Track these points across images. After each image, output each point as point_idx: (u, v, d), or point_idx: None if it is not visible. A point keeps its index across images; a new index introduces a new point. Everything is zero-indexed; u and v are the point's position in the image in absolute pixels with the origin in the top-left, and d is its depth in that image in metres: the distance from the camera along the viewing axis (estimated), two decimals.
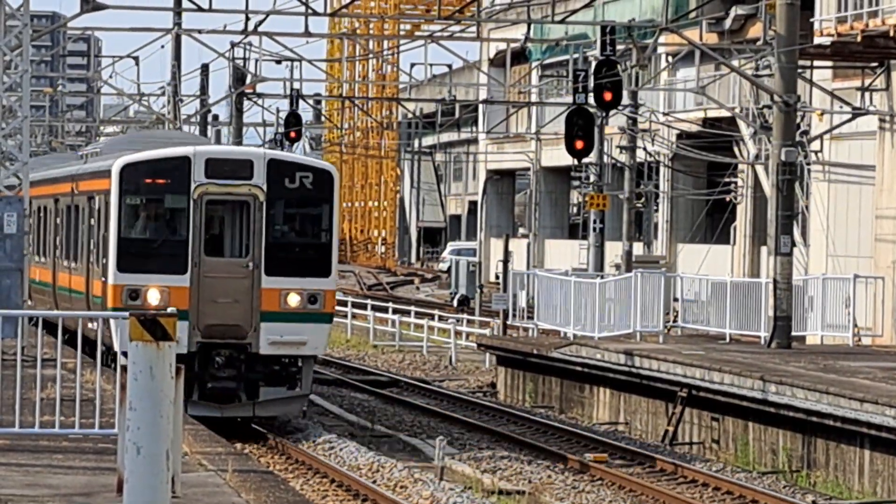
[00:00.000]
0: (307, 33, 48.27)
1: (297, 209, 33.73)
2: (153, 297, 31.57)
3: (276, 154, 34.22)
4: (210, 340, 32.01)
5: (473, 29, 57.62)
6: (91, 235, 35.42)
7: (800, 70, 44.98)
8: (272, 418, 35.04)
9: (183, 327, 29.55)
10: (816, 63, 48.03)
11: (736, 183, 57.77)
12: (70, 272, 38.48)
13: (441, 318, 67.66)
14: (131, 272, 32.05)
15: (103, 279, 32.93)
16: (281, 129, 69.46)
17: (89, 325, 36.71)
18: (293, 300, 32.41)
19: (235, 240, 33.02)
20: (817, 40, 45.77)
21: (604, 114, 50.76)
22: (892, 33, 41.57)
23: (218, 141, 35.91)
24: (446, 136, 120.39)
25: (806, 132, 48.89)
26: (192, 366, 30.74)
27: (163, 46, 68.56)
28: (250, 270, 32.29)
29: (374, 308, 72.41)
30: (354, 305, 73.81)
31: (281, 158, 33.55)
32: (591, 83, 47.31)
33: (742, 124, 54.36)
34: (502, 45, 67.06)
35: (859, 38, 43.00)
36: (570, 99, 53.72)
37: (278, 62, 63.63)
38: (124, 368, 5.51)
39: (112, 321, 31.14)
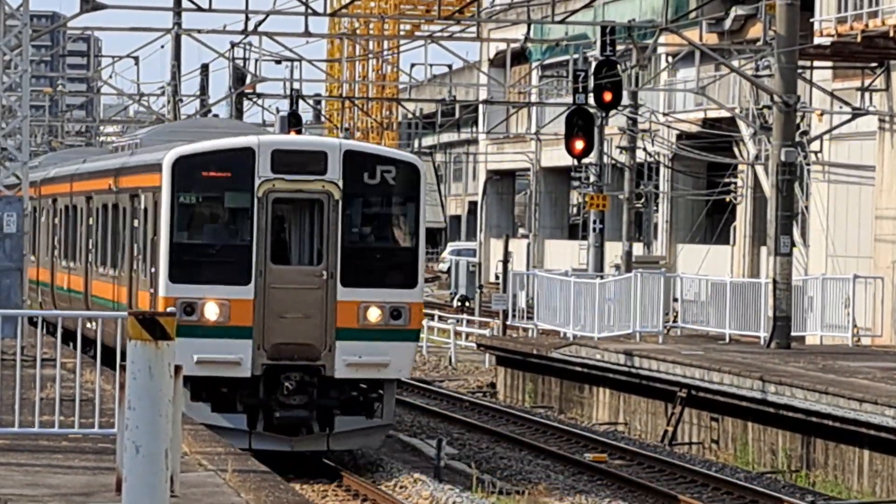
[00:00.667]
0: (307, 33, 48.34)
1: (378, 209, 27.92)
2: (211, 312, 26.11)
3: (353, 144, 28.44)
4: (277, 362, 26.40)
5: (473, 29, 57.68)
6: (135, 239, 29.30)
7: (799, 70, 45.02)
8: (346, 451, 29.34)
9: (246, 347, 25.90)
10: (816, 63, 48.07)
11: (736, 183, 57.85)
12: (108, 280, 32.39)
13: (441, 319, 67.77)
14: (185, 283, 26.40)
15: (151, 291, 27.31)
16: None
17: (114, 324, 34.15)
18: (373, 315, 26.71)
19: (306, 245, 27.24)
20: (817, 40, 45.82)
21: (604, 114, 50.81)
22: (891, 34, 41.62)
23: (283, 129, 32.53)
24: (446, 137, 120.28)
25: (806, 132, 48.93)
26: (256, 392, 26.43)
27: (162, 46, 68.69)
28: (324, 280, 26.56)
29: None
30: None
31: (359, 150, 27.92)
32: (591, 83, 47.42)
33: (742, 125, 54.41)
34: (502, 46, 67.08)
35: (859, 39, 43.06)
36: (569, 99, 53.82)
37: (278, 62, 63.82)
38: (123, 368, 5.55)
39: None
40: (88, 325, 33.20)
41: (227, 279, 26.21)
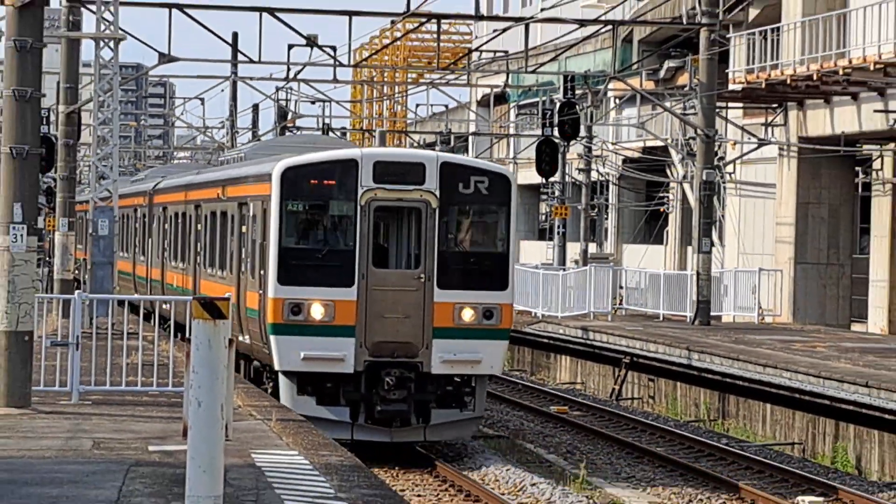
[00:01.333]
0: (335, 80, 48.19)
1: (472, 216, 24.51)
2: (317, 312, 23.11)
3: (449, 157, 24.81)
4: (378, 359, 23.27)
5: (465, 77, 57.45)
6: (243, 243, 26.12)
7: (717, 109, 45.03)
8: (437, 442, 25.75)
9: (349, 344, 22.83)
10: (730, 104, 48.05)
11: (668, 197, 57.58)
12: (215, 281, 28.99)
13: None
14: (293, 284, 23.35)
15: (260, 292, 24.18)
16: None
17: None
18: (467, 315, 23.61)
19: (405, 250, 24.21)
20: (731, 87, 45.80)
21: (566, 144, 50.62)
22: (788, 81, 41.59)
23: (382, 143, 28.63)
24: None
25: (722, 158, 48.83)
26: (358, 386, 23.33)
27: (223, 90, 69.20)
28: (422, 283, 23.45)
29: None
30: None
31: (455, 161, 24.51)
32: (556, 120, 47.35)
33: (673, 152, 54.27)
34: (487, 90, 67.02)
35: (763, 86, 43.00)
36: (539, 132, 53.87)
37: (312, 102, 63.70)
38: (188, 340, 5.52)
39: (273, 345, 23.48)
40: (165, 306, 32.74)
41: (331, 281, 23.14)
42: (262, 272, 23.93)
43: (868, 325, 43.81)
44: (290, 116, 61.52)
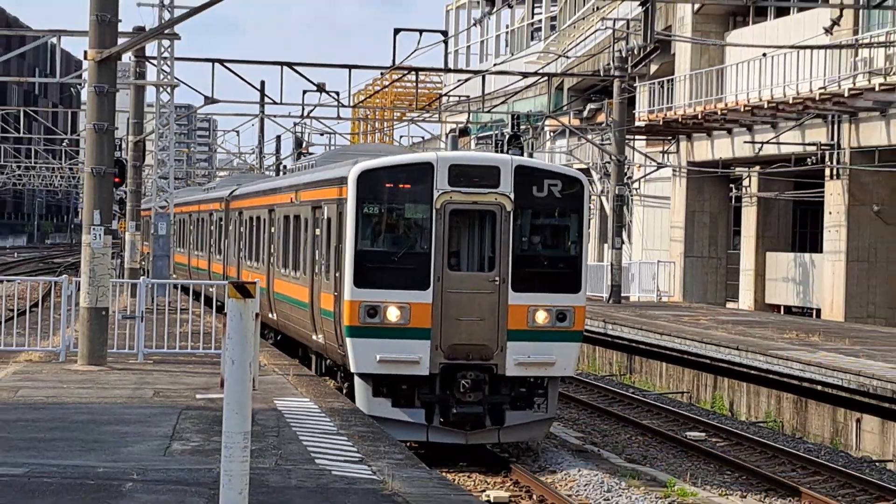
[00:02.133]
0: (339, 117, 48.55)
1: (545, 219, 20.02)
2: (393, 315, 18.91)
3: (524, 160, 20.51)
4: (454, 361, 18.90)
5: (437, 116, 57.45)
6: (317, 245, 21.79)
7: (626, 140, 45.09)
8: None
9: (424, 347, 18.45)
10: (636, 137, 48.16)
11: (590, 207, 57.93)
12: (288, 280, 24.09)
13: None
14: (369, 287, 19.06)
15: (335, 293, 19.88)
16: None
17: (270, 315, 25.69)
18: (541, 317, 19.30)
19: (480, 253, 19.60)
20: (637, 123, 45.89)
21: None
22: (679, 119, 41.74)
23: (454, 146, 22.33)
24: None
25: (630, 177, 48.91)
26: (434, 389, 18.87)
27: (253, 124, 68.48)
28: (496, 286, 19.07)
29: None
30: None
31: (529, 165, 20.12)
32: (506, 148, 47.34)
33: (593, 172, 54.36)
34: (453, 125, 67.00)
35: (661, 123, 43.16)
36: None
37: (321, 134, 63.70)
38: (224, 314, 5.51)
39: (349, 347, 18.86)
40: (210, 289, 32.49)
41: (407, 284, 18.84)
42: (337, 274, 19.50)
43: (739, 303, 44.05)
44: (304, 145, 61.35)
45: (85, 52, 20.04)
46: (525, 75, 45.86)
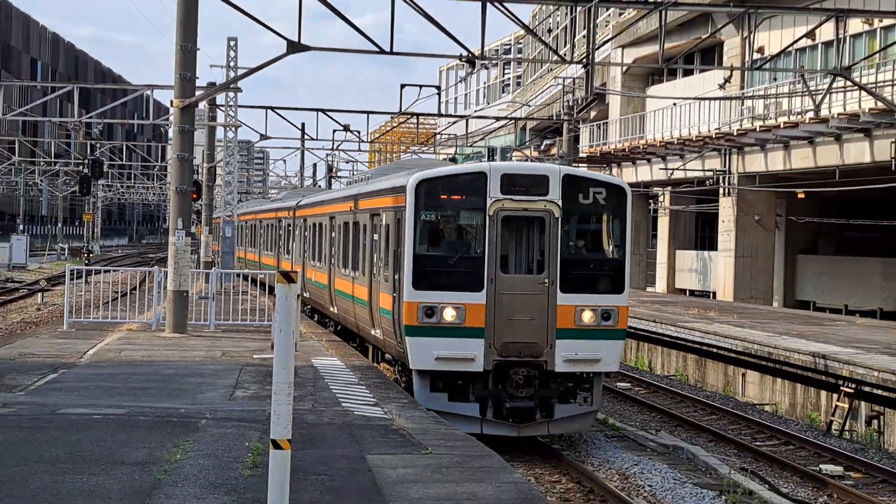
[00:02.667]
0: (359, 149, 48.30)
1: (591, 225, 16.63)
2: (449, 315, 15.65)
3: (570, 170, 17.08)
4: (506, 359, 15.68)
5: (432, 149, 57.46)
6: (375, 249, 18.25)
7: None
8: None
9: (479, 345, 15.47)
10: (581, 165, 48.13)
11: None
12: (347, 279, 20.53)
13: None
14: (427, 289, 15.75)
15: (394, 294, 16.53)
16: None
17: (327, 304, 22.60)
18: (587, 317, 15.99)
19: (529, 256, 16.17)
20: (581, 155, 45.86)
21: None
22: (612, 152, 41.75)
23: (504, 158, 17.15)
24: None
25: None
26: (487, 384, 15.74)
27: (295, 155, 68.55)
28: (546, 287, 15.82)
29: None
30: None
31: (576, 174, 16.75)
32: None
33: None
34: (445, 156, 66.80)
35: (599, 154, 43.16)
36: None
37: (346, 162, 63.56)
38: (274, 295, 5.47)
39: (408, 345, 15.36)
40: (262, 276, 32.29)
41: (463, 286, 15.52)
42: (396, 277, 16.06)
43: (655, 288, 44.12)
44: (333, 170, 61.25)
45: (171, 101, 20.03)
46: (497, 119, 45.95)
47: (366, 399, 13.26)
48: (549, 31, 60.06)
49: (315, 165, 68.19)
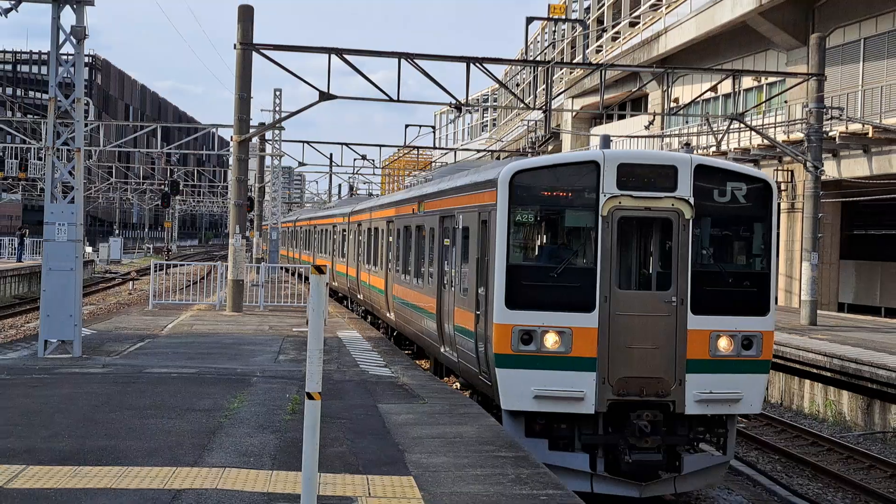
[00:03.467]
0: (373, 173, 48.21)
1: (728, 229, 8.84)
2: (551, 342, 8.30)
3: (705, 159, 8.45)
4: (624, 398, 8.42)
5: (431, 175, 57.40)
6: (445, 257, 11.48)
7: None
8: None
9: (589, 380, 8.53)
10: None
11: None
12: (410, 287, 14.40)
13: None
14: (523, 308, 8.37)
15: (477, 312, 9.34)
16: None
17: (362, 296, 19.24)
18: (724, 345, 8.52)
19: (653, 268, 8.72)
20: None
21: None
22: None
23: (605, 146, 7.73)
24: None
25: None
26: (598, 429, 8.66)
27: (325, 177, 68.24)
28: (673, 307, 8.43)
29: None
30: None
31: (711, 165, 8.63)
32: None
33: None
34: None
35: None
36: None
37: (364, 183, 63.48)
38: (308, 283, 5.35)
39: (498, 379, 8.70)
40: (301, 270, 30.53)
41: (569, 305, 8.72)
42: (480, 291, 9.90)
43: None
44: (353, 189, 61.15)
45: (231, 137, 20.01)
46: (479, 150, 46.07)
47: (377, 362, 13.25)
48: (518, 84, 60.12)
49: (340, 186, 68.29)
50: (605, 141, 9.89)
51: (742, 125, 25.47)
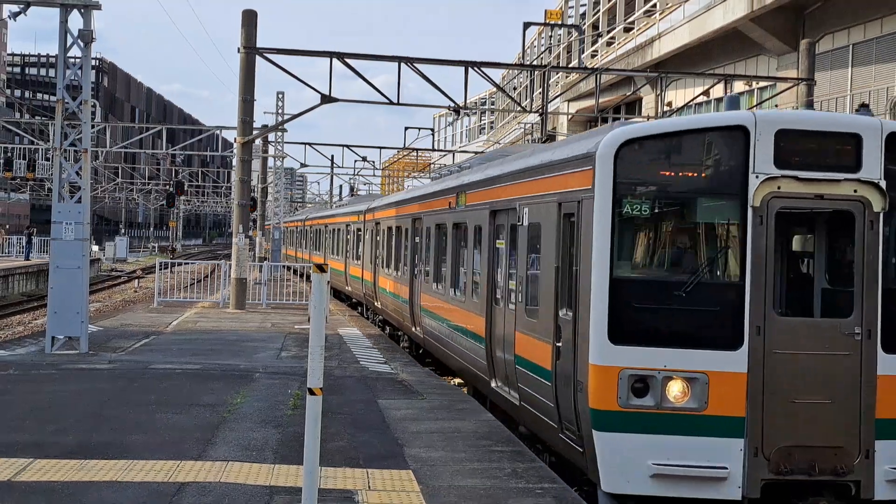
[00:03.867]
0: (374, 175, 48.28)
1: None
2: (677, 392, 3.97)
3: None
4: (786, 477, 3.94)
5: (428, 176, 57.47)
6: (498, 263, 7.48)
7: None
8: None
9: (734, 450, 4.16)
10: None
11: None
12: (446, 300, 10.12)
13: None
14: (634, 343, 4.06)
15: (556, 343, 5.23)
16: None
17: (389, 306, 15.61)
18: None
19: (823, 285, 4.36)
20: None
21: None
22: None
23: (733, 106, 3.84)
24: None
25: None
26: None
27: (326, 178, 68.22)
28: (858, 342, 3.95)
29: None
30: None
31: None
32: None
33: None
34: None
35: None
36: None
37: (364, 184, 63.58)
38: (311, 281, 5.33)
39: (598, 447, 4.72)
40: (303, 268, 31.02)
41: (703, 339, 4.23)
42: (563, 314, 5.72)
43: None
44: (353, 189, 61.18)
45: (235, 139, 20.02)
46: (476, 153, 45.88)
47: (377, 358, 13.26)
48: (515, 88, 60.14)
49: (341, 186, 68.40)
50: (732, 101, 6.06)
51: None
